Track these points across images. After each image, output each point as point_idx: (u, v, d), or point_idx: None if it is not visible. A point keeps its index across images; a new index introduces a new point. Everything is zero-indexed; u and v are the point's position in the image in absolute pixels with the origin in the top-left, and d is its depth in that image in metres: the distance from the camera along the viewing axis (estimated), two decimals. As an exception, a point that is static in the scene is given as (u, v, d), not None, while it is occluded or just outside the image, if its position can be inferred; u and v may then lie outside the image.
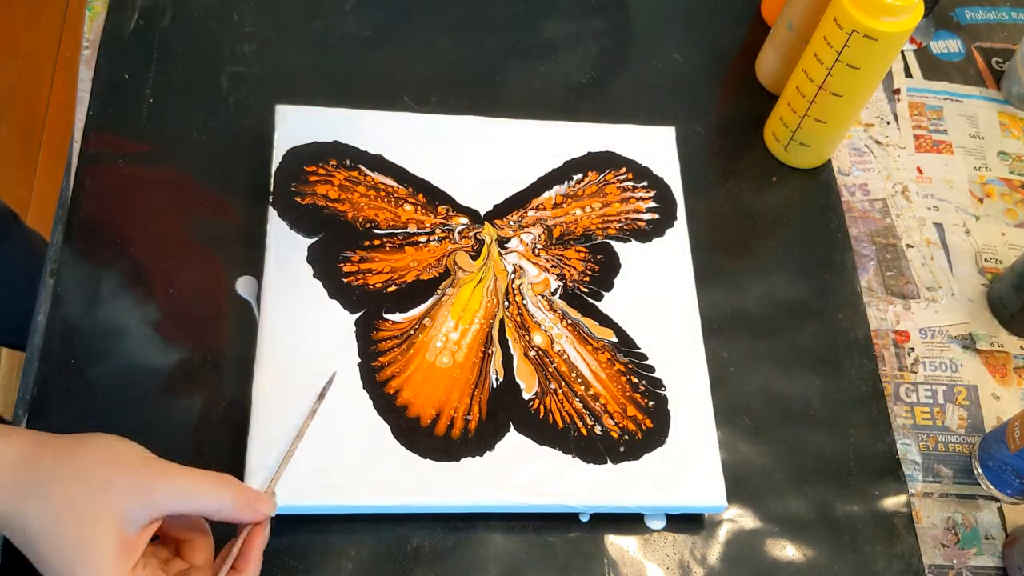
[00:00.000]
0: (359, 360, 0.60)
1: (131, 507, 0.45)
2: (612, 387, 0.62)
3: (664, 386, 0.62)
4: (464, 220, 0.66)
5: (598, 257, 0.67)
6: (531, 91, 0.75)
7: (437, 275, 0.64)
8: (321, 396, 0.58)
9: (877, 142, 0.78)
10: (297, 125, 0.67)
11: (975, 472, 0.64)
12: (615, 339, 0.63)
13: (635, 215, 0.69)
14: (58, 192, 0.67)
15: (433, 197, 0.67)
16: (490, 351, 0.62)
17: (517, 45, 0.77)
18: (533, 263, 0.66)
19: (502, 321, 0.63)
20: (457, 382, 0.60)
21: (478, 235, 0.66)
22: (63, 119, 1.55)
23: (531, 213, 0.68)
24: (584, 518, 0.59)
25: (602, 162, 0.71)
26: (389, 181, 0.67)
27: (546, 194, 0.69)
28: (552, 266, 0.66)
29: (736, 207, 0.73)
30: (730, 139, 0.76)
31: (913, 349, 0.69)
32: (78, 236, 0.63)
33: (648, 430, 0.60)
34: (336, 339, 0.60)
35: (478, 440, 0.58)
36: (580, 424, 0.60)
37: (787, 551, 0.60)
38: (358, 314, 0.61)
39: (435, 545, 0.57)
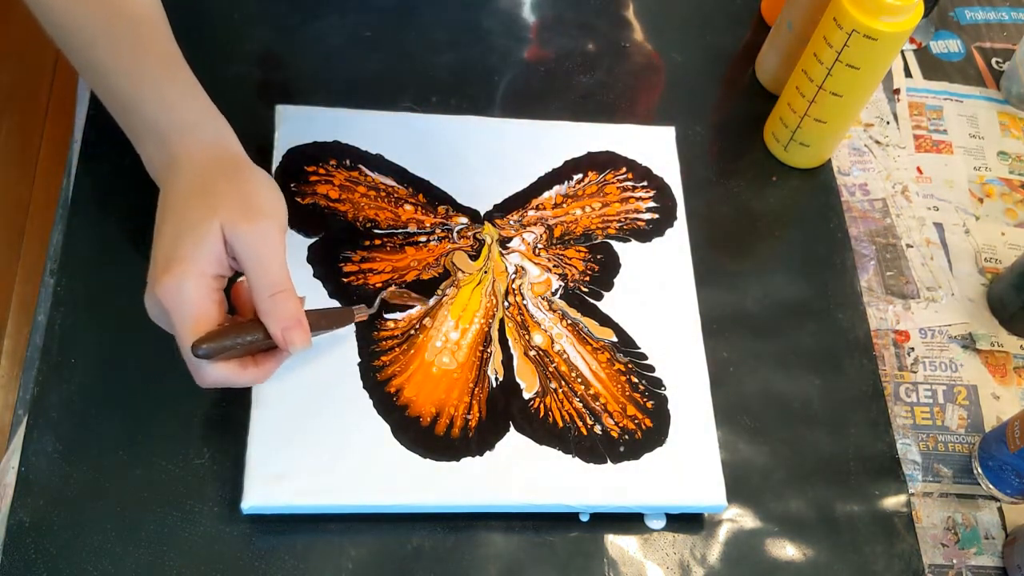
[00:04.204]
0: (359, 360, 0.60)
1: (236, 225, 0.50)
2: (612, 387, 0.62)
3: (664, 386, 0.62)
4: (464, 220, 0.66)
5: (598, 257, 0.67)
6: (531, 91, 0.75)
7: (437, 275, 0.64)
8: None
9: (877, 142, 0.78)
10: (297, 125, 0.67)
11: (975, 472, 0.64)
12: (615, 339, 0.63)
13: (635, 215, 0.69)
14: (58, 192, 0.67)
15: (433, 197, 0.67)
16: (489, 350, 0.62)
17: (517, 45, 0.77)
18: (535, 263, 0.66)
19: (502, 321, 0.63)
20: (457, 382, 0.60)
21: (478, 235, 0.66)
22: (63, 119, 1.55)
23: (531, 213, 0.68)
24: (584, 518, 0.59)
25: (602, 162, 0.71)
26: (389, 181, 0.67)
27: (546, 194, 0.69)
28: (554, 266, 0.66)
29: (736, 207, 0.73)
30: (730, 139, 0.76)
31: (913, 349, 0.69)
32: (78, 236, 0.63)
33: (648, 430, 0.60)
34: (336, 339, 0.60)
35: (478, 440, 0.58)
36: (580, 424, 0.60)
37: (787, 551, 0.60)
38: (358, 314, 0.61)
39: (435, 545, 0.57)
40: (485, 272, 0.65)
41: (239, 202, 0.51)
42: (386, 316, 0.62)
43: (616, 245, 0.67)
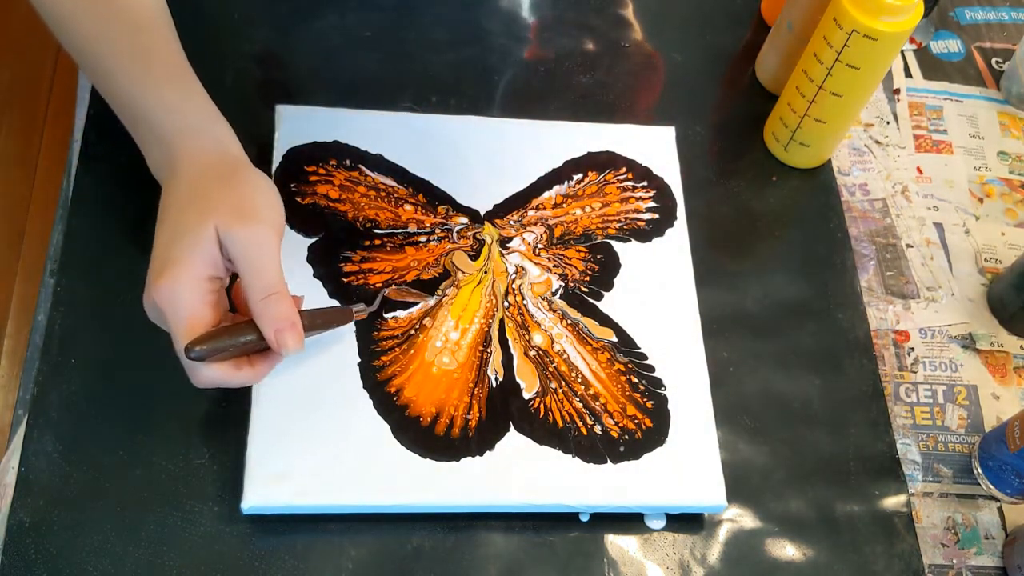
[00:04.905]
0: (359, 360, 0.60)
1: (232, 230, 0.50)
2: (612, 387, 0.62)
3: (664, 386, 0.62)
4: (463, 220, 0.66)
5: (598, 257, 0.67)
6: (531, 91, 0.75)
7: (437, 275, 0.64)
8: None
9: (877, 142, 0.78)
10: (297, 125, 0.67)
11: (975, 472, 0.64)
12: (615, 339, 0.63)
13: (635, 215, 0.69)
14: (58, 192, 0.67)
15: (433, 197, 0.67)
16: (489, 350, 0.62)
17: (517, 45, 0.77)
18: (535, 263, 0.66)
19: (502, 321, 0.63)
20: (457, 382, 0.60)
21: (477, 235, 0.66)
22: (63, 119, 1.55)
23: (531, 213, 0.68)
24: (584, 518, 0.59)
25: (602, 162, 0.71)
26: (389, 181, 0.67)
27: (546, 194, 0.69)
28: (554, 266, 0.66)
29: (736, 207, 0.73)
30: (730, 139, 0.76)
31: (913, 349, 0.69)
32: (78, 236, 0.63)
33: (648, 430, 0.60)
34: (336, 339, 0.60)
35: (478, 440, 0.58)
36: (580, 424, 0.60)
37: (787, 551, 0.60)
38: (358, 314, 0.61)
39: (435, 545, 0.57)
40: (485, 272, 0.65)
41: (234, 205, 0.51)
42: (386, 315, 0.62)
43: (616, 245, 0.67)
